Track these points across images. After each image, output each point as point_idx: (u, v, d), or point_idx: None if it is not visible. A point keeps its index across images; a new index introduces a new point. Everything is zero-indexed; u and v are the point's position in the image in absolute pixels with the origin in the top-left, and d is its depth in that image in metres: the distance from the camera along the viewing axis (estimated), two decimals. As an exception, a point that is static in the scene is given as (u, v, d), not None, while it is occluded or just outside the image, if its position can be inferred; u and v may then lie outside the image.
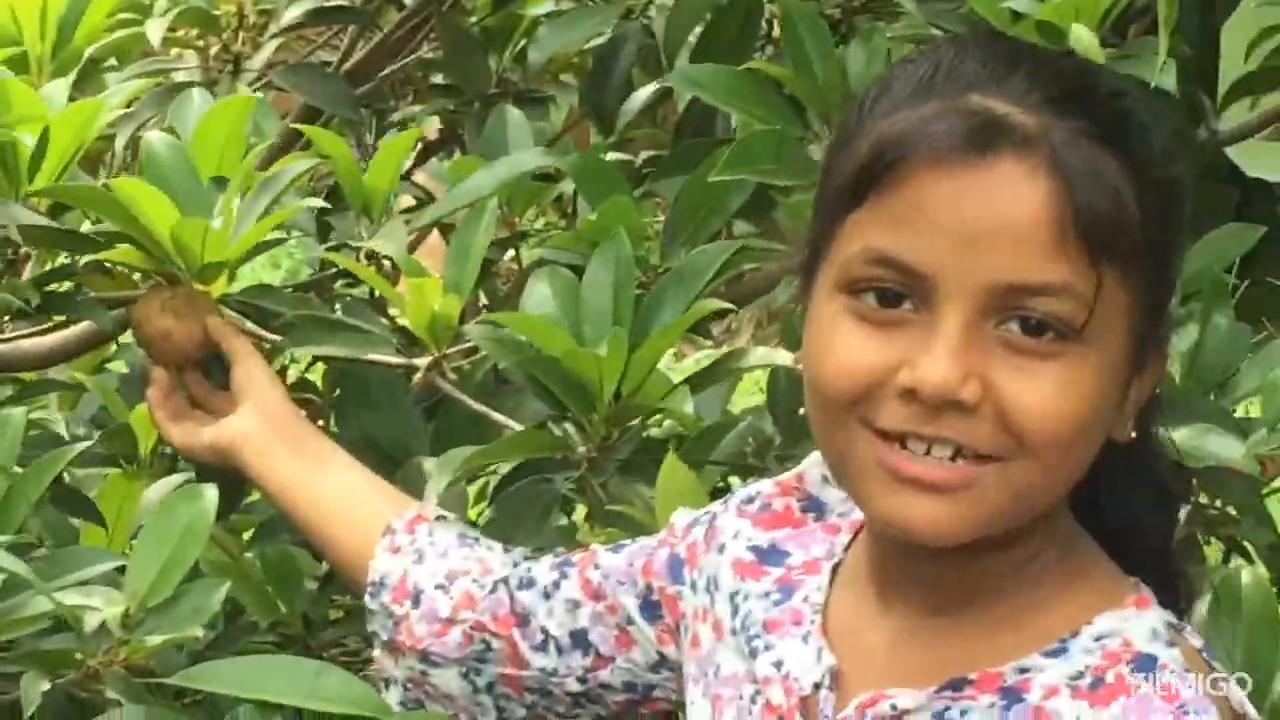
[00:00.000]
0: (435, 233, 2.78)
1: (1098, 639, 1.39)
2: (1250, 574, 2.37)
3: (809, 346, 1.40)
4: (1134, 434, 1.42)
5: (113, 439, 2.42)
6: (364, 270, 2.24)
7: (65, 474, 2.15)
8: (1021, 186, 1.32)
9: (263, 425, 1.99)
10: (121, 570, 1.89)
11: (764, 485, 1.64)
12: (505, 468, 2.26)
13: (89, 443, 2.20)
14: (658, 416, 2.58)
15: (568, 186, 2.59)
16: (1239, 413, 2.49)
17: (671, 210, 2.40)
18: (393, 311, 2.58)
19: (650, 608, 1.71)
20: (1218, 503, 2.37)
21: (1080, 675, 1.38)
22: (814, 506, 1.60)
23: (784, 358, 2.17)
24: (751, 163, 2.30)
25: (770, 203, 2.48)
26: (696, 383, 2.14)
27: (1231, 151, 3.04)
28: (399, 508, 1.93)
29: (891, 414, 1.34)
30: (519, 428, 2.12)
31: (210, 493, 1.95)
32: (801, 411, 2.37)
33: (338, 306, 2.38)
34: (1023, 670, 1.39)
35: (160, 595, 1.88)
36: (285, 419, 2.00)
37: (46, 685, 1.84)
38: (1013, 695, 1.38)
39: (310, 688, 1.84)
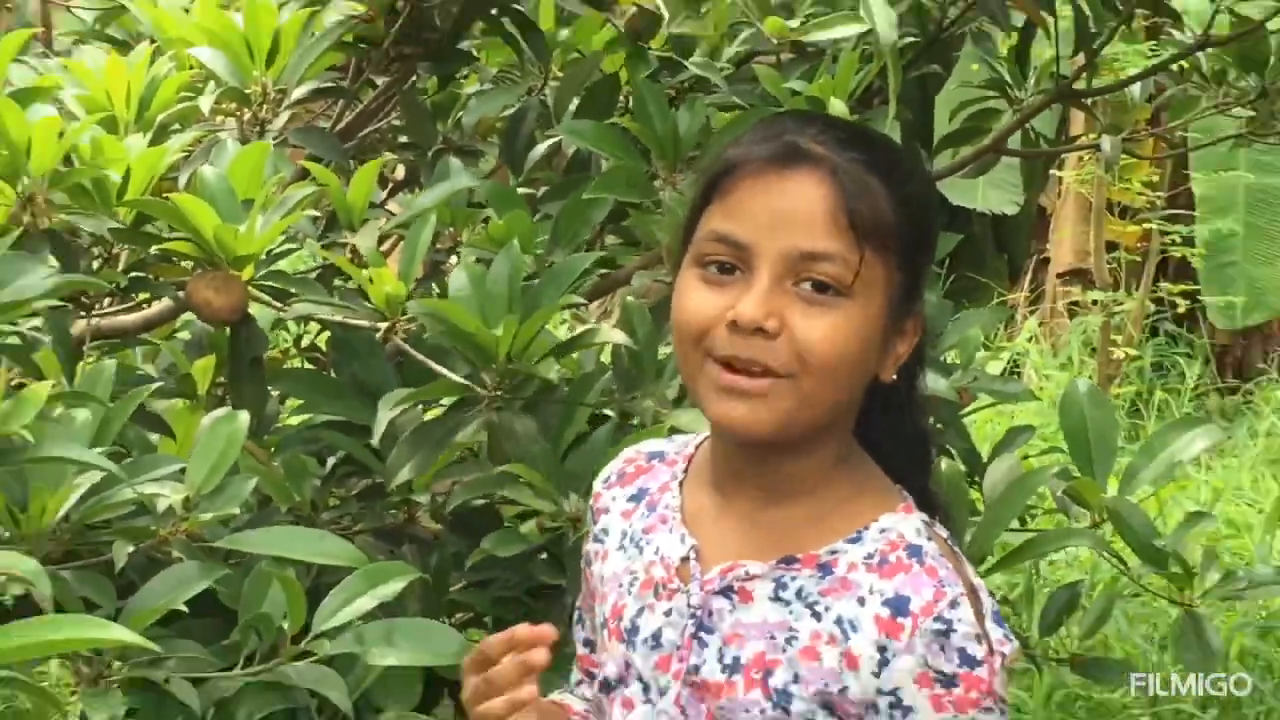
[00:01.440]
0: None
1: (882, 531, 1.41)
2: (950, 467, 2.45)
3: (674, 303, 1.42)
4: (896, 378, 1.42)
5: (181, 382, 2.45)
6: (341, 260, 2.28)
7: (147, 405, 2.17)
8: (812, 189, 1.37)
9: None
10: (183, 471, 1.93)
11: (613, 465, 1.60)
12: (449, 401, 2.30)
13: (160, 382, 2.22)
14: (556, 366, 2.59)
15: (492, 212, 2.60)
16: (945, 359, 2.55)
17: (554, 223, 2.49)
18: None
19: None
20: (931, 419, 2.41)
21: (871, 556, 1.40)
22: (655, 455, 1.58)
23: (619, 336, 2.22)
24: (613, 187, 2.40)
25: (624, 215, 2.55)
26: (564, 350, 2.21)
27: (941, 186, 3.09)
28: None
29: (722, 343, 1.37)
30: (455, 377, 2.16)
31: (242, 416, 2.00)
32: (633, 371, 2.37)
33: (335, 294, 2.39)
34: (833, 552, 1.42)
35: (210, 486, 1.92)
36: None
37: (131, 549, 1.89)
38: (826, 569, 1.41)
39: (315, 549, 1.90)
